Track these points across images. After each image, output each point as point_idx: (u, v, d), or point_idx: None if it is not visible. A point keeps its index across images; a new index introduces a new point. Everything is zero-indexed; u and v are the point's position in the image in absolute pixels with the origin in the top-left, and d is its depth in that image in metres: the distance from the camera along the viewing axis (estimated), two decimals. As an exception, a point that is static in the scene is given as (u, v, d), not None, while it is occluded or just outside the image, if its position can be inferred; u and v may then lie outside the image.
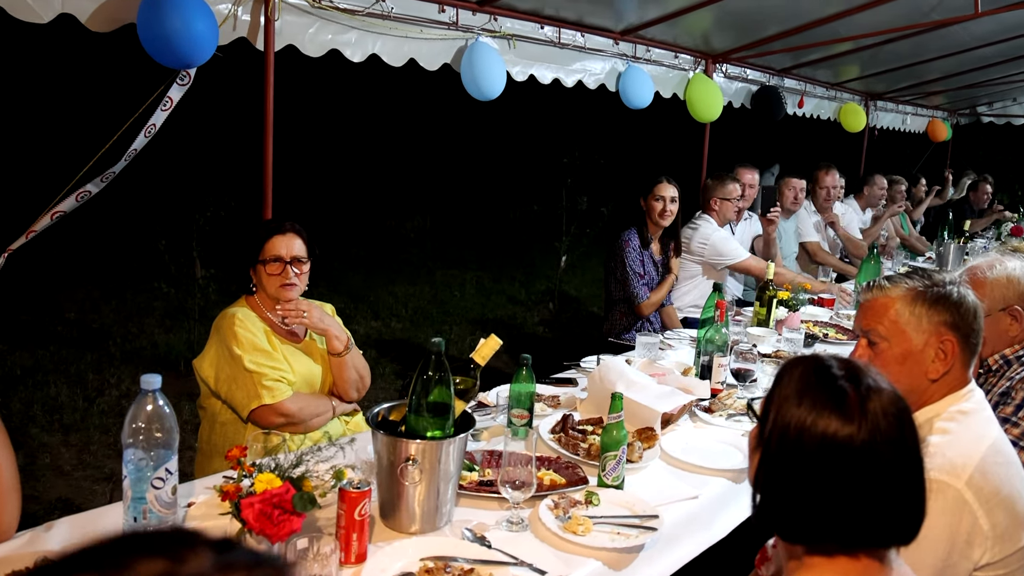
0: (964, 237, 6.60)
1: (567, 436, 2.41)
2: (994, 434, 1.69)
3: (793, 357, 1.34)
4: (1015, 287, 2.30)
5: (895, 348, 1.77)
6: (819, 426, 1.19)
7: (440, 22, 3.83)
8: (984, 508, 1.54)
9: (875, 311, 1.81)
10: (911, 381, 1.76)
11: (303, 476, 1.72)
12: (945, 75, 7.74)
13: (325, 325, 2.75)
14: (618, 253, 4.15)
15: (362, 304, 7.69)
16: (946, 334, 1.73)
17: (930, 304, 1.74)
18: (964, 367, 1.76)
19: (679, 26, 4.90)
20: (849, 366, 1.26)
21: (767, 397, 1.30)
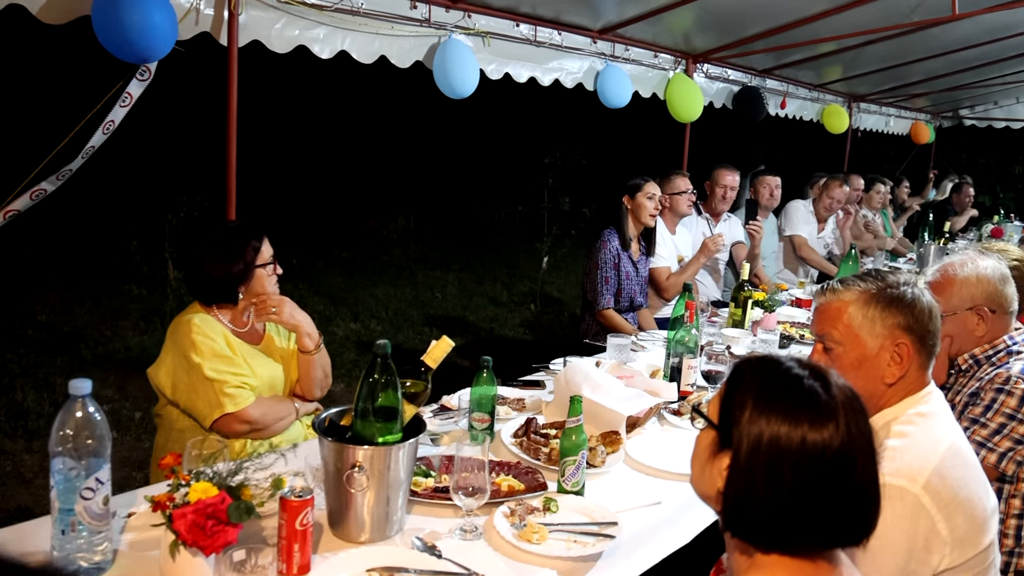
0: (945, 238, 6.58)
1: (529, 440, 2.35)
2: (952, 437, 1.64)
3: (742, 359, 1.27)
4: (983, 286, 2.26)
5: (850, 353, 1.72)
6: (795, 434, 1.13)
7: (412, 19, 3.77)
8: (942, 513, 1.49)
9: (829, 315, 1.76)
10: (867, 386, 1.70)
11: (242, 484, 1.65)
12: (927, 77, 7.73)
13: (296, 321, 2.67)
14: (594, 254, 4.09)
15: (342, 306, 7.61)
16: (900, 337, 1.68)
17: (883, 307, 1.69)
18: (921, 369, 1.71)
19: (659, 25, 4.84)
20: (810, 365, 1.21)
21: (723, 401, 1.23)
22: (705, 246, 4.40)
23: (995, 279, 2.26)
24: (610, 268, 4.04)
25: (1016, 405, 2.10)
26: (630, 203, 4.15)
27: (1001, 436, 2.10)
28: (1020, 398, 2.10)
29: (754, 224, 4.90)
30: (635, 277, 4.20)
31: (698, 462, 1.28)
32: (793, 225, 5.97)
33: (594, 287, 4.05)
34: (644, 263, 4.30)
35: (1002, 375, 2.15)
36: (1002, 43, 6.32)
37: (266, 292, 2.60)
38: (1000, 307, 2.26)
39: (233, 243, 2.53)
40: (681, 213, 4.64)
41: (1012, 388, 2.12)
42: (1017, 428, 2.09)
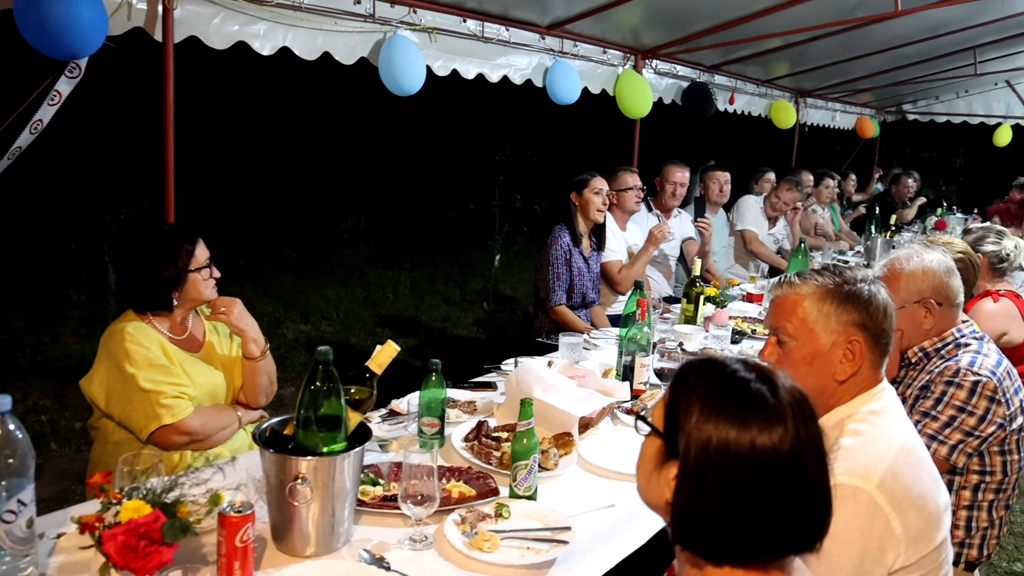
0: (891, 231, 6.69)
1: (480, 444, 2.30)
2: (905, 434, 1.63)
3: (685, 361, 1.23)
4: (930, 279, 2.27)
5: (803, 347, 1.70)
6: (745, 439, 1.09)
7: (356, 14, 3.69)
8: (896, 511, 1.48)
9: (784, 308, 1.74)
10: (819, 382, 1.69)
11: (178, 501, 1.58)
12: (871, 73, 7.87)
13: (244, 325, 2.59)
14: (545, 250, 4.05)
15: (292, 307, 7.47)
16: (854, 334, 1.66)
17: (839, 302, 1.67)
18: (874, 367, 1.70)
19: (607, 20, 4.82)
20: (756, 367, 1.17)
21: (668, 408, 1.18)
22: (652, 235, 4.39)
23: (941, 272, 2.27)
24: (561, 264, 4.01)
25: (965, 397, 2.12)
26: (578, 199, 4.12)
27: (951, 429, 2.11)
28: (969, 390, 2.12)
29: (703, 221, 4.90)
30: (587, 273, 4.17)
31: (644, 471, 1.23)
32: (744, 220, 6.01)
33: (546, 284, 4.02)
34: (595, 259, 4.28)
35: (951, 368, 2.16)
36: (942, 39, 6.45)
37: (204, 297, 2.51)
38: (947, 300, 2.27)
39: (164, 247, 2.43)
40: (629, 209, 4.62)
41: (961, 381, 2.13)
42: (967, 420, 2.10)
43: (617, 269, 4.45)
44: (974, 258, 2.78)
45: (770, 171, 6.73)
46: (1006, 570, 3.66)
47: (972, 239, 3.33)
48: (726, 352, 3.41)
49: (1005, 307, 3.20)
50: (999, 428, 2.12)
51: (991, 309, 3.19)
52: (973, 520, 2.23)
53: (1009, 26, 6.42)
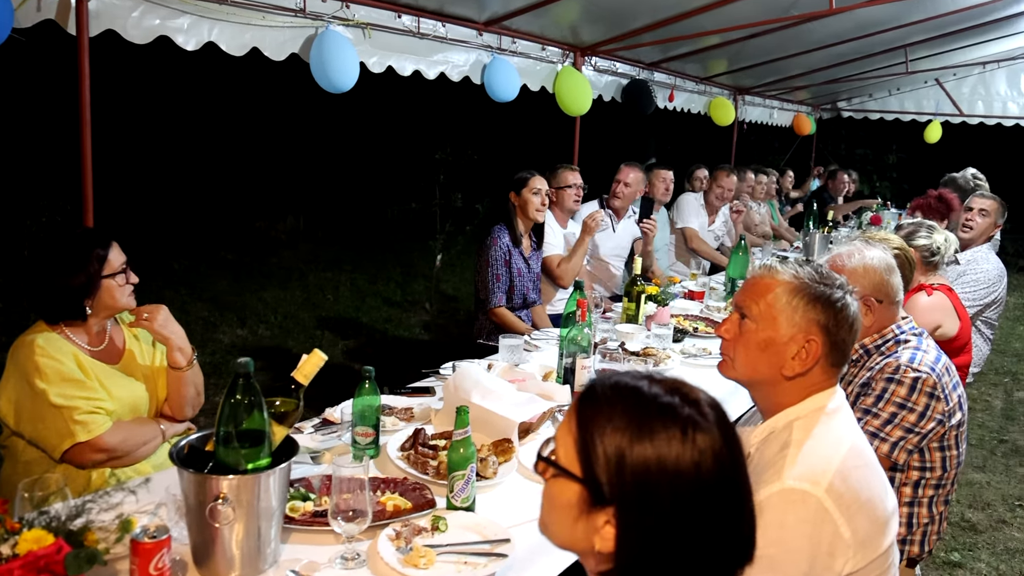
0: (828, 226, 6.79)
1: (416, 453, 2.22)
2: (853, 435, 1.61)
3: (588, 390, 1.11)
4: (871, 277, 2.26)
5: (761, 332, 1.66)
6: (686, 462, 1.01)
7: (286, 8, 3.56)
8: (845, 516, 1.45)
9: (756, 290, 1.69)
10: (765, 370, 1.65)
11: (85, 528, 1.46)
12: (807, 71, 7.99)
13: (168, 333, 2.45)
14: (484, 251, 3.98)
15: (228, 311, 7.26)
16: (814, 334, 1.62)
17: (810, 299, 1.63)
18: (826, 374, 1.65)
19: (545, 17, 4.77)
20: (672, 386, 1.09)
21: (582, 446, 1.05)
22: (586, 225, 4.35)
23: (881, 269, 2.27)
24: (501, 265, 3.95)
25: (906, 394, 2.11)
26: (516, 199, 4.06)
27: (892, 426, 2.11)
28: (909, 387, 2.11)
29: (647, 222, 4.87)
30: (527, 274, 4.11)
31: (561, 522, 1.10)
32: (684, 217, 6.03)
33: (486, 285, 3.95)
34: (536, 259, 4.22)
35: (892, 364, 2.16)
36: (875, 38, 6.57)
37: (120, 305, 2.37)
38: (887, 297, 2.27)
39: (73, 252, 2.29)
40: (568, 208, 4.58)
41: (902, 377, 2.13)
42: (907, 417, 2.10)
43: (556, 263, 4.40)
44: (910, 253, 2.80)
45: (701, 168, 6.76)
46: (943, 560, 3.72)
47: (904, 234, 3.36)
48: (667, 351, 3.39)
49: (939, 301, 3.24)
50: (938, 424, 2.12)
51: (926, 303, 3.22)
52: (914, 516, 2.23)
53: (938, 25, 6.57)
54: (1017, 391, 6.25)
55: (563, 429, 1.10)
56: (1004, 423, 5.52)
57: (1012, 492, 4.45)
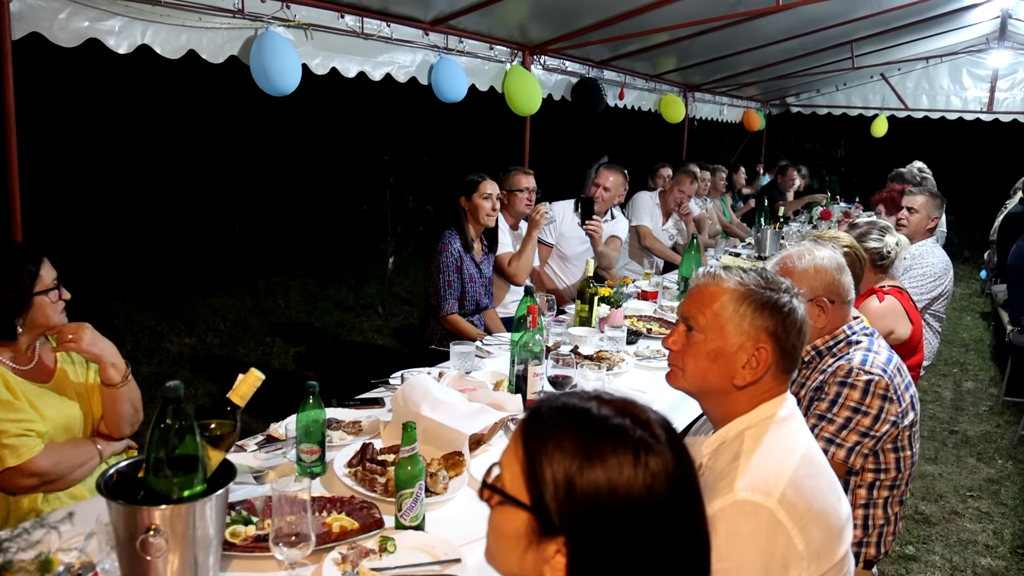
0: (779, 222, 6.84)
1: (364, 470, 2.14)
2: (805, 443, 1.58)
3: (533, 414, 1.05)
4: (822, 277, 2.25)
5: (710, 343, 1.62)
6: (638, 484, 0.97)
7: (223, 9, 3.45)
8: (798, 526, 1.42)
9: (701, 299, 1.65)
10: (716, 381, 1.62)
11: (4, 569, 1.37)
12: (755, 67, 8.06)
13: (98, 350, 2.33)
14: (435, 257, 3.91)
15: (175, 319, 7.07)
16: (763, 342, 1.59)
17: (757, 306, 1.59)
18: (776, 380, 1.62)
19: (492, 16, 4.71)
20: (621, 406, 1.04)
21: (530, 473, 1.00)
22: (532, 220, 4.31)
23: (832, 269, 2.25)
24: (452, 272, 3.88)
25: (859, 398, 2.10)
26: (467, 204, 3.99)
27: (848, 431, 2.09)
28: (863, 390, 2.10)
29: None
30: (479, 279, 4.05)
31: (508, 552, 1.05)
32: (638, 215, 6.02)
33: (437, 292, 3.88)
34: (488, 263, 4.16)
35: (844, 367, 2.14)
36: (821, 33, 6.64)
37: (52, 322, 2.26)
38: (839, 297, 2.26)
39: (3, 268, 2.18)
40: (519, 212, 4.52)
41: (855, 381, 2.11)
42: (862, 421, 2.08)
43: (507, 261, 4.35)
44: (860, 252, 2.80)
45: (666, 166, 6.78)
46: (898, 554, 3.75)
47: (856, 234, 3.37)
48: (621, 353, 3.35)
49: (891, 305, 3.25)
50: (892, 426, 2.11)
51: (878, 308, 3.23)
52: (870, 518, 2.22)
53: (883, 21, 6.67)
54: (966, 381, 6.37)
55: (508, 454, 1.04)
56: (954, 414, 5.61)
57: (963, 483, 4.52)
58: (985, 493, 4.41)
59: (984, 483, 4.53)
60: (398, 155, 7.36)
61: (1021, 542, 3.92)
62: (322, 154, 12.45)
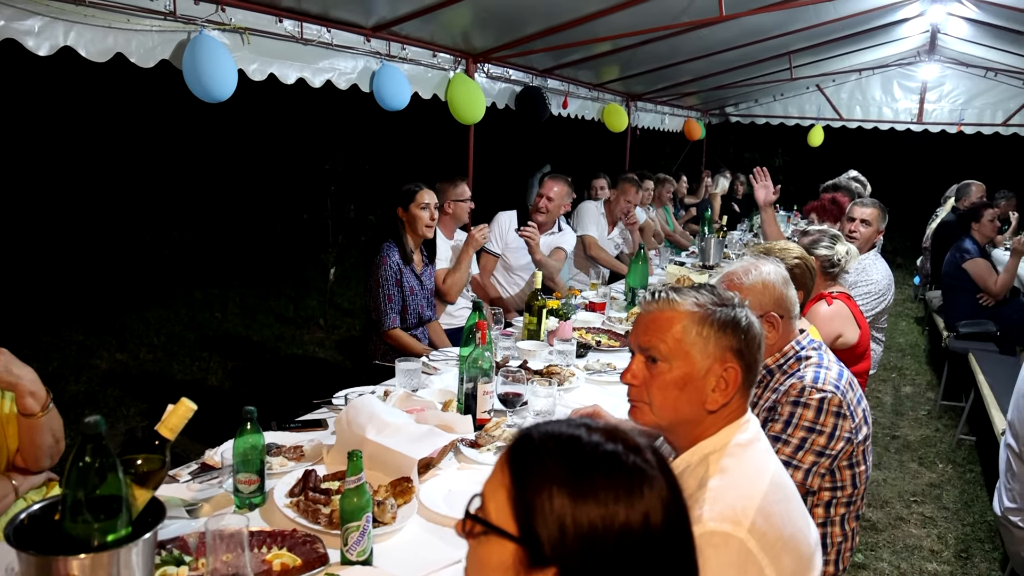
0: (722, 231, 6.88)
1: (306, 500, 2.01)
2: (773, 466, 1.52)
3: (513, 440, 1.00)
4: (770, 292, 2.20)
5: (676, 371, 1.55)
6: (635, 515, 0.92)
7: (154, 11, 3.28)
8: (769, 556, 1.36)
9: (659, 326, 1.57)
10: (688, 410, 1.55)
11: None
12: (697, 77, 8.14)
13: (13, 378, 2.14)
14: (374, 271, 3.78)
15: (106, 334, 6.77)
16: (730, 361, 1.54)
17: (719, 326, 1.54)
18: (743, 398, 1.58)
19: (435, 23, 4.62)
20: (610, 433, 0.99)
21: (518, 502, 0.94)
22: (470, 237, 4.22)
23: (779, 283, 2.22)
24: (392, 285, 3.75)
25: (813, 417, 2.05)
26: (404, 215, 3.87)
27: (804, 451, 2.04)
28: (816, 409, 2.06)
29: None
30: (420, 291, 3.93)
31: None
32: (584, 225, 5.97)
33: (378, 307, 3.75)
34: (428, 274, 4.04)
35: (796, 386, 2.09)
36: (761, 44, 6.73)
37: None
38: (787, 312, 2.22)
39: None
40: (461, 220, 4.44)
41: (808, 400, 2.06)
42: (817, 440, 2.04)
43: (443, 278, 4.24)
44: (811, 262, 2.78)
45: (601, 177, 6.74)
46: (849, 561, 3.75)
47: (807, 242, 3.37)
48: (571, 367, 3.28)
49: (839, 309, 3.25)
50: (847, 443, 2.07)
51: (826, 312, 3.23)
52: (828, 537, 2.18)
53: (819, 33, 6.79)
54: (904, 386, 6.48)
55: (493, 483, 0.98)
56: (895, 419, 5.69)
57: (907, 488, 4.57)
58: (928, 498, 4.47)
59: (927, 488, 4.59)
60: (339, 163, 7.19)
61: (964, 546, 3.98)
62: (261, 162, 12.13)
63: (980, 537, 4.05)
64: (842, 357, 3.30)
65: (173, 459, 1.68)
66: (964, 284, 5.95)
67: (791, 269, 2.65)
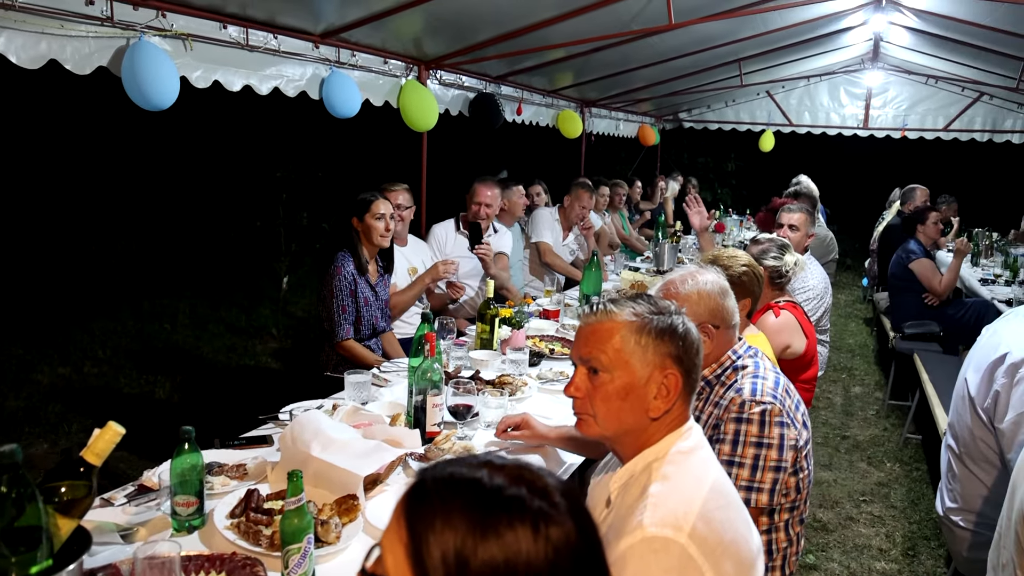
0: (676, 237, 6.93)
1: (247, 521, 1.96)
2: (713, 474, 1.53)
3: (408, 487, 0.94)
4: (706, 302, 2.20)
5: (617, 381, 1.55)
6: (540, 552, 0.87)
7: (89, 16, 3.18)
8: (710, 561, 1.36)
9: (599, 337, 1.58)
10: (632, 419, 1.56)
11: None
12: (649, 83, 8.20)
13: None
14: (328, 281, 3.72)
15: (48, 347, 6.57)
16: (670, 368, 1.55)
17: (657, 334, 1.55)
18: (685, 405, 1.59)
19: (385, 29, 4.57)
20: (515, 474, 0.93)
21: (413, 551, 0.88)
22: (435, 268, 4.19)
23: (716, 293, 2.21)
24: (346, 296, 3.69)
25: (758, 432, 2.04)
26: (359, 225, 3.81)
27: (761, 471, 2.03)
28: (759, 423, 2.04)
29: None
30: (375, 302, 3.87)
31: None
32: (539, 231, 5.96)
33: (331, 317, 3.69)
34: (383, 285, 3.99)
35: (736, 402, 2.08)
36: (711, 52, 6.80)
37: None
38: (724, 322, 2.21)
39: None
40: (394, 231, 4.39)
41: (749, 415, 2.05)
42: (769, 455, 2.03)
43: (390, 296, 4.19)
44: (759, 270, 2.79)
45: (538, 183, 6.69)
46: (799, 563, 3.78)
47: (757, 251, 3.39)
48: (523, 377, 3.26)
49: (786, 320, 3.28)
50: (793, 450, 2.08)
51: (774, 323, 3.25)
52: (773, 543, 2.18)
53: (768, 41, 6.88)
54: (854, 386, 6.59)
55: (390, 535, 0.92)
56: (845, 419, 5.78)
57: (857, 488, 4.63)
58: (876, 497, 4.54)
59: (875, 487, 4.66)
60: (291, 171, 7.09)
61: (911, 544, 4.04)
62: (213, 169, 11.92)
63: (926, 535, 4.13)
64: (791, 366, 3.34)
65: (114, 478, 1.62)
66: (910, 284, 6.07)
67: (739, 276, 2.66)
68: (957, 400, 2.99)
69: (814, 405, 5.98)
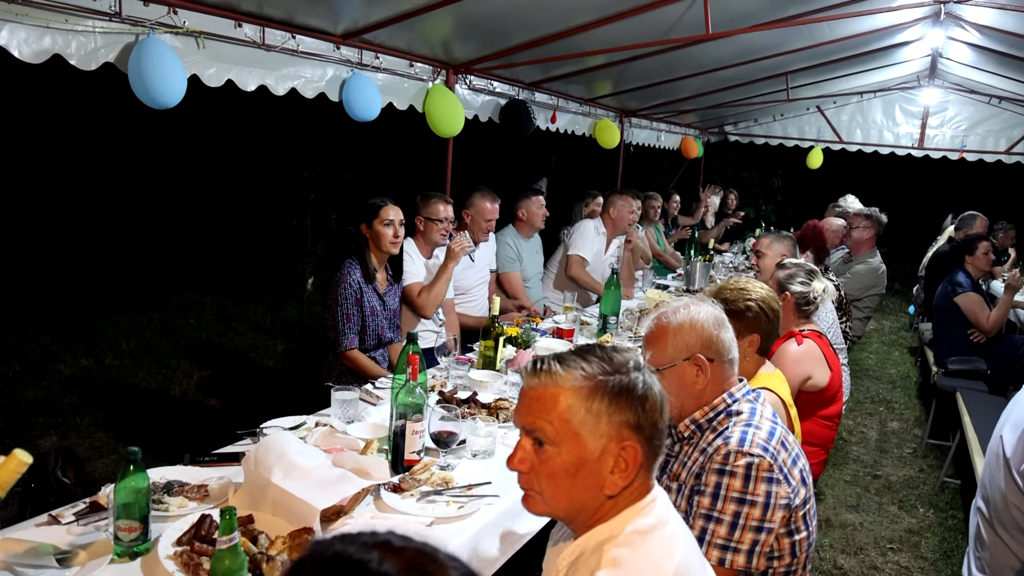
0: (708, 255, 6.69)
1: (192, 551, 1.83)
2: (677, 558, 1.33)
3: (286, 569, 0.84)
4: (698, 332, 2.01)
5: (565, 455, 1.36)
6: None
7: (98, 12, 3.11)
8: None
9: (543, 404, 1.38)
10: (583, 497, 1.37)
11: None
12: (693, 95, 7.96)
13: None
14: (334, 289, 3.61)
15: (73, 337, 6.60)
16: (628, 438, 1.35)
17: (611, 399, 1.35)
18: (647, 474, 1.40)
19: (412, 30, 4.44)
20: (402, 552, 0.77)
21: None
22: (450, 250, 4.05)
23: (709, 325, 2.02)
24: (351, 305, 3.58)
25: (741, 486, 1.83)
26: (367, 231, 3.70)
27: (740, 530, 1.82)
28: (744, 476, 1.83)
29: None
30: (382, 312, 3.75)
31: None
32: (577, 245, 5.75)
33: (335, 326, 3.58)
34: (392, 294, 3.87)
35: (721, 451, 1.87)
36: (756, 64, 6.56)
37: None
38: (717, 354, 2.01)
39: None
40: (433, 241, 4.24)
41: (733, 468, 1.84)
42: (752, 513, 1.82)
43: (416, 292, 4.07)
44: (773, 305, 2.58)
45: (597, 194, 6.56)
46: (813, 614, 3.55)
47: (783, 276, 3.19)
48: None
49: (809, 349, 3.07)
50: (785, 509, 1.86)
51: (795, 352, 3.04)
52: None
53: (817, 54, 6.62)
54: (891, 421, 6.27)
55: None
56: (878, 456, 5.49)
57: (884, 534, 4.36)
58: (906, 545, 4.26)
59: (905, 534, 4.38)
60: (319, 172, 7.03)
61: (940, 601, 3.78)
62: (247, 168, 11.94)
63: (957, 591, 3.86)
64: (812, 400, 3.12)
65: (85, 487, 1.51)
66: (955, 318, 5.75)
67: (742, 311, 2.47)
68: (991, 459, 2.73)
69: (845, 439, 5.70)
